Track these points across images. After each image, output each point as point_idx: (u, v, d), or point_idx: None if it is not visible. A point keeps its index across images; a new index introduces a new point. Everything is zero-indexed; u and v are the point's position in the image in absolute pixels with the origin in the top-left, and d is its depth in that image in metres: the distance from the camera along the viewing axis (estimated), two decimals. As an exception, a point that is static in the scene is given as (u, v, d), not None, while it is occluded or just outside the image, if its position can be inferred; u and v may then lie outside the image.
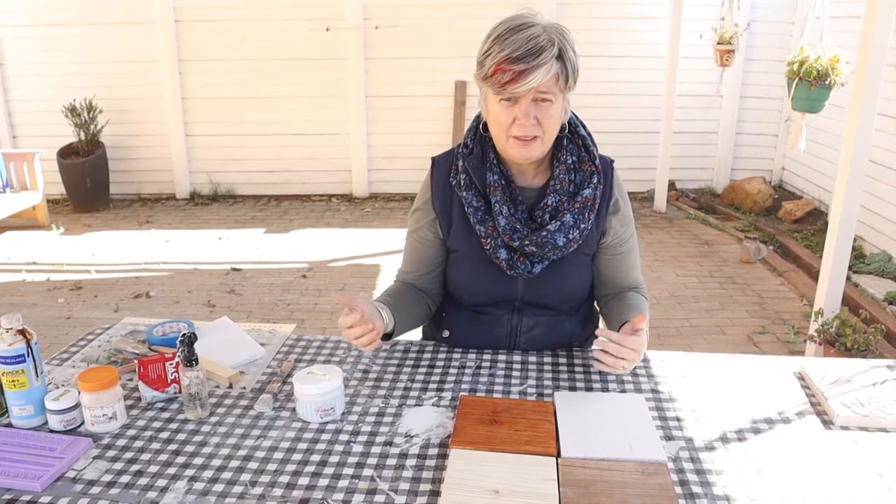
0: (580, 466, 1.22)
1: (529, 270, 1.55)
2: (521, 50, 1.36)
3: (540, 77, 1.37)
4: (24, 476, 1.20)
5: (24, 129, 6.39)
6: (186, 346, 1.37)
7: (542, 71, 1.37)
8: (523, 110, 1.42)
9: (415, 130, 6.35)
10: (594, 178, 1.55)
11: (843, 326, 3.07)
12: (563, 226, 1.51)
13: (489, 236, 1.54)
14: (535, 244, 1.51)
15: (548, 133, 1.47)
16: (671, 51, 5.66)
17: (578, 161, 1.56)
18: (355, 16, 6.07)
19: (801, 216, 5.59)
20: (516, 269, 1.55)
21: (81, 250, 5.22)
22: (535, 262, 1.55)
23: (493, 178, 1.54)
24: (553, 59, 1.38)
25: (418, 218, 1.67)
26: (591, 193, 1.54)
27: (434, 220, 1.63)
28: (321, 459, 1.27)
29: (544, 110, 1.44)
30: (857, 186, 2.97)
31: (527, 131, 1.44)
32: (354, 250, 5.18)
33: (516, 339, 1.67)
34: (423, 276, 1.69)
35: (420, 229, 1.66)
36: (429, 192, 1.63)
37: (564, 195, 1.54)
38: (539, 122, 1.44)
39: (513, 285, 1.61)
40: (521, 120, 1.43)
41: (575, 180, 1.55)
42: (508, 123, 1.45)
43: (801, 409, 1.43)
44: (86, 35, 6.14)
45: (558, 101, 1.45)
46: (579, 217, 1.52)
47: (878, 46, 2.80)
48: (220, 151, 6.47)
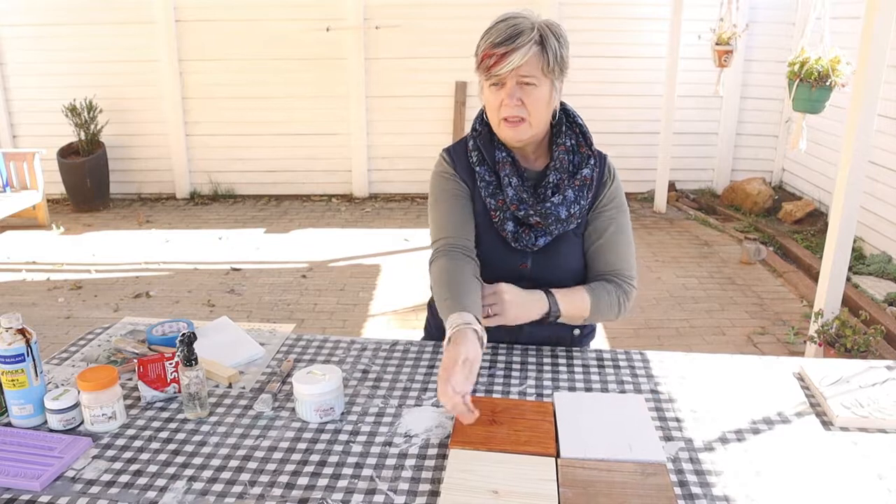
0: (579, 467, 1.22)
1: (533, 242, 1.60)
2: (501, 35, 1.48)
3: (518, 58, 1.46)
4: (24, 475, 1.20)
5: (25, 128, 6.39)
6: (186, 345, 1.37)
7: (520, 53, 1.46)
8: (508, 91, 1.51)
9: (415, 131, 6.35)
10: (591, 159, 1.63)
11: (843, 327, 3.07)
12: (566, 200, 1.58)
13: (499, 209, 1.61)
14: (540, 215, 1.57)
15: (534, 115, 1.54)
16: (671, 51, 5.66)
17: (576, 145, 1.65)
18: (356, 16, 6.07)
19: (801, 217, 5.59)
20: (521, 241, 1.60)
21: (81, 250, 5.22)
22: (538, 236, 1.60)
23: (501, 156, 1.62)
24: (532, 43, 1.47)
25: (447, 181, 1.67)
26: (589, 174, 1.62)
27: (463, 184, 1.66)
28: (320, 459, 1.27)
29: (528, 93, 1.51)
30: (857, 187, 2.97)
31: (512, 111, 1.52)
32: (354, 250, 5.18)
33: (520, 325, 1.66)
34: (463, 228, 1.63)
35: (450, 189, 1.66)
36: (453, 167, 1.67)
37: (564, 173, 1.62)
38: (524, 104, 1.52)
39: (519, 263, 1.63)
40: (506, 101, 1.52)
41: (574, 161, 1.63)
42: (497, 106, 1.54)
43: (800, 409, 1.43)
44: (86, 35, 6.14)
45: (543, 86, 1.52)
46: (579, 194, 1.60)
47: (878, 47, 2.80)
48: (221, 151, 6.48)
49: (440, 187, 1.68)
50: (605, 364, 1.61)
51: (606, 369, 1.59)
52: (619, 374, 1.57)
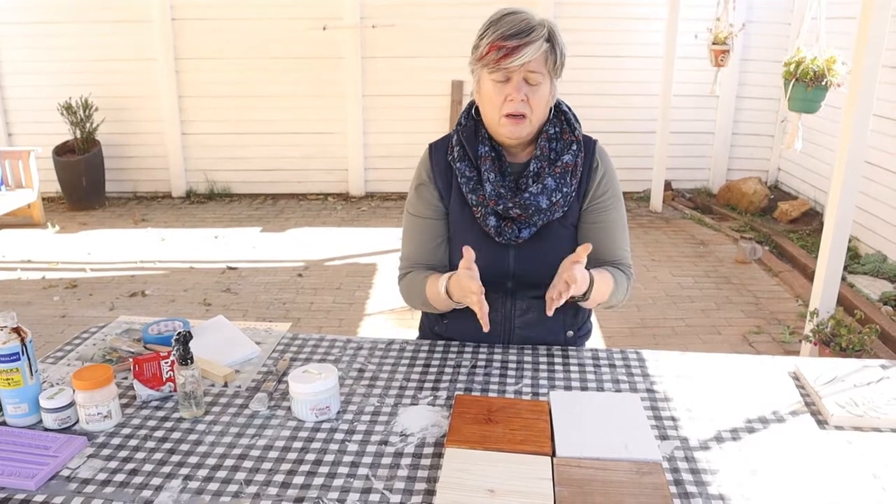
0: (575, 466, 1.23)
1: (517, 235, 1.59)
2: (514, 28, 1.46)
3: (531, 53, 1.46)
4: (19, 475, 1.20)
5: (20, 126, 6.37)
6: (182, 344, 1.37)
7: (533, 47, 1.46)
8: (515, 86, 1.49)
9: (411, 130, 6.35)
10: (573, 146, 1.61)
11: (838, 326, 3.08)
12: (545, 188, 1.56)
13: (480, 204, 1.60)
14: (519, 206, 1.56)
15: (535, 112, 1.54)
16: (668, 51, 5.67)
17: (560, 132, 1.63)
18: (352, 15, 6.06)
19: (796, 216, 5.60)
20: (504, 234, 1.59)
21: (77, 248, 5.21)
22: (521, 228, 1.59)
23: (483, 150, 1.61)
24: (543, 39, 1.47)
25: (421, 194, 1.69)
26: (571, 160, 1.60)
27: (438, 195, 1.67)
28: (316, 458, 1.27)
29: (534, 91, 1.51)
30: (852, 187, 2.98)
31: (517, 108, 1.51)
32: (351, 249, 5.18)
33: (511, 325, 1.67)
34: (431, 253, 1.69)
35: (423, 207, 1.68)
36: (430, 169, 1.67)
37: (545, 161, 1.60)
38: (528, 101, 1.51)
39: (504, 258, 1.62)
40: (513, 95, 1.50)
41: (556, 148, 1.62)
42: (501, 101, 1.52)
43: (795, 408, 1.43)
44: (82, 33, 6.12)
45: (546, 84, 1.52)
46: (561, 181, 1.58)
47: (873, 47, 2.80)
48: (217, 150, 6.46)
49: (415, 196, 1.70)
50: (600, 363, 1.61)
51: (602, 368, 1.59)
52: (614, 373, 1.57)
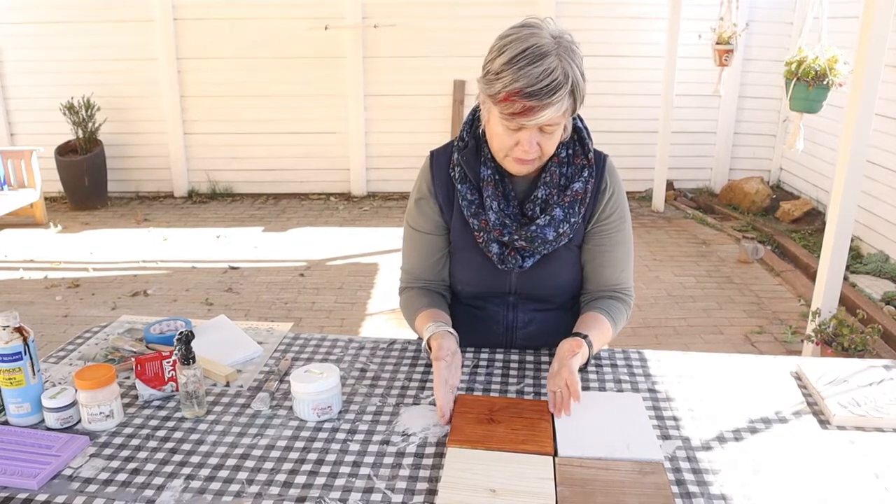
0: (577, 465, 1.22)
1: (520, 265, 1.54)
2: (536, 86, 1.32)
3: (551, 114, 1.35)
4: (21, 474, 1.20)
5: (22, 126, 6.38)
6: (184, 344, 1.37)
7: (553, 108, 1.34)
8: (527, 138, 1.40)
9: (413, 129, 6.35)
10: (585, 171, 1.53)
11: (841, 326, 3.07)
12: (553, 220, 1.50)
13: (482, 230, 1.54)
14: (525, 239, 1.50)
15: (546, 154, 1.47)
16: (670, 50, 5.66)
17: (572, 155, 1.55)
18: (354, 14, 6.06)
19: (798, 216, 5.60)
20: (507, 263, 1.54)
21: (79, 248, 5.21)
22: (525, 257, 1.54)
23: (486, 173, 1.53)
24: (566, 97, 1.36)
25: (422, 208, 1.63)
26: (582, 188, 1.52)
27: (438, 210, 1.61)
28: (318, 458, 1.27)
29: (548, 138, 1.42)
30: (854, 187, 2.97)
31: (528, 156, 1.44)
32: (352, 249, 5.18)
33: (513, 336, 1.66)
34: (431, 268, 1.65)
35: (423, 222, 1.63)
36: (430, 183, 1.61)
37: (554, 188, 1.52)
38: (540, 147, 1.43)
39: (505, 278, 1.60)
40: (525, 146, 1.41)
41: (566, 174, 1.54)
42: (511, 145, 1.43)
43: (797, 408, 1.43)
44: (84, 32, 6.13)
45: (562, 126, 1.44)
46: (569, 211, 1.51)
47: (876, 47, 2.80)
48: (219, 150, 6.47)
49: (416, 210, 1.63)
50: (602, 363, 1.61)
51: (604, 368, 1.59)
52: (616, 372, 1.57)
